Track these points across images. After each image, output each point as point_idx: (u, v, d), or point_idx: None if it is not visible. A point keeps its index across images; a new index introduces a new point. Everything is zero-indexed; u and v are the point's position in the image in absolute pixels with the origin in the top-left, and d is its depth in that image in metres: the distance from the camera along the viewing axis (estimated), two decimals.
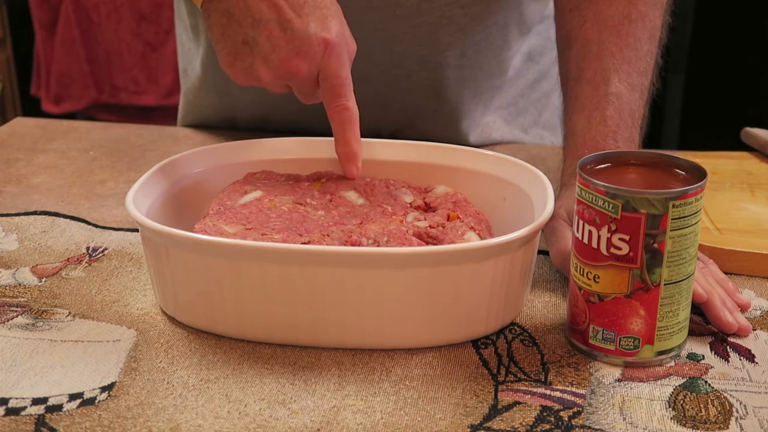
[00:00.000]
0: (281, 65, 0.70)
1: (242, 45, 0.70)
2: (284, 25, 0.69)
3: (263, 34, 0.69)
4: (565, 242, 0.69)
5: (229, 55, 0.71)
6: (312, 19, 0.70)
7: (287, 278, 0.62)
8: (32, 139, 1.08)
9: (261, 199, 0.72)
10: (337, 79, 0.71)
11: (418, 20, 0.94)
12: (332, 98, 0.72)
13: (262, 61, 0.70)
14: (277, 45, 0.70)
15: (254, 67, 0.71)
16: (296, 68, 0.70)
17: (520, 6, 0.99)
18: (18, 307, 0.70)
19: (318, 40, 0.70)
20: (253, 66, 0.71)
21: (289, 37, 0.69)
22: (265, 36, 0.69)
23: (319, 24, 0.70)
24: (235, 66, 0.72)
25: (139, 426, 0.56)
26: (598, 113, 0.76)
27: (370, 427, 0.56)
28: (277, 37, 0.69)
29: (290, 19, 0.69)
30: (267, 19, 0.69)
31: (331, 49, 0.70)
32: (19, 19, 2.49)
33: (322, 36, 0.70)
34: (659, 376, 0.62)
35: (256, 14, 0.69)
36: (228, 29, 0.70)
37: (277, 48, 0.70)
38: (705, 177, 0.60)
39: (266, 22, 0.69)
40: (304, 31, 0.69)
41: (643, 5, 0.82)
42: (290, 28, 0.69)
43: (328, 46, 0.70)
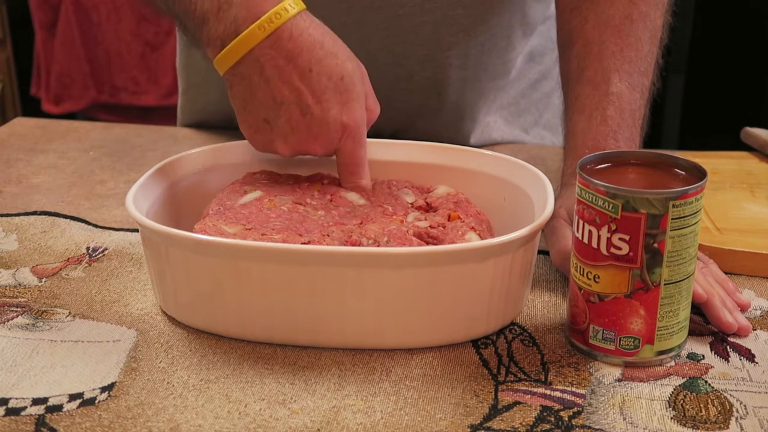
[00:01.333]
0: (299, 146, 0.72)
1: (263, 122, 0.72)
2: (304, 110, 0.70)
3: (283, 116, 0.71)
4: (565, 242, 0.69)
5: (250, 128, 0.73)
6: (332, 105, 0.71)
7: (287, 278, 0.62)
8: (32, 139, 1.08)
9: (261, 199, 0.72)
10: (353, 159, 0.73)
11: (421, 20, 0.94)
12: (346, 175, 0.74)
13: (282, 139, 0.72)
14: (296, 128, 0.71)
15: (274, 144, 0.72)
16: (313, 150, 0.73)
17: (524, 6, 0.99)
18: (18, 307, 0.69)
19: (336, 125, 0.71)
20: (272, 143, 0.72)
21: (308, 123, 0.71)
22: (285, 119, 0.71)
23: (338, 110, 0.71)
24: (255, 139, 0.73)
25: (139, 426, 0.56)
26: (599, 113, 0.76)
27: (370, 427, 0.56)
28: (296, 121, 0.71)
29: (310, 104, 0.70)
30: (288, 102, 0.70)
31: (349, 134, 0.72)
32: (19, 19, 2.49)
33: (340, 121, 0.71)
34: (659, 376, 0.62)
35: (277, 97, 0.70)
36: (250, 105, 0.71)
37: (296, 131, 0.71)
38: (705, 177, 0.60)
39: (287, 106, 0.70)
40: (323, 117, 0.71)
41: (644, 5, 0.82)
42: (310, 114, 0.70)
43: (346, 131, 0.72)
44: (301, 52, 0.70)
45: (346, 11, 0.93)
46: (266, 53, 0.69)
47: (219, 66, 0.71)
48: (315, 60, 0.70)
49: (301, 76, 0.70)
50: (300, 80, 0.70)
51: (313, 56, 0.70)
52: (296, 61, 0.70)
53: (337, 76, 0.71)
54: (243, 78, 0.71)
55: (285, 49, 0.69)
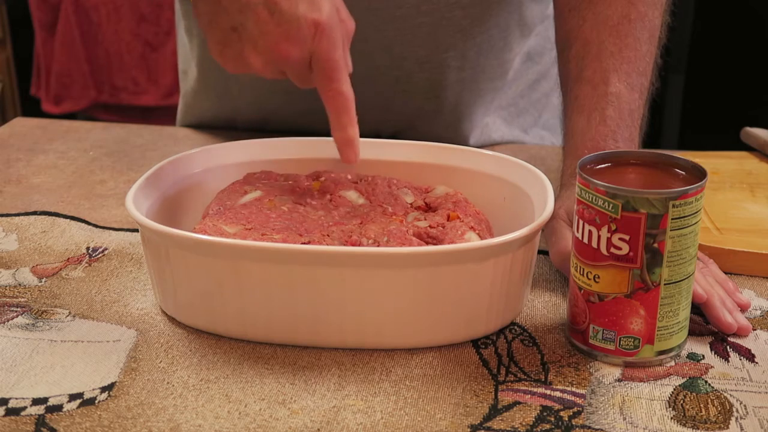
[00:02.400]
0: (271, 50, 0.68)
1: (230, 32, 0.68)
2: (272, 8, 0.67)
3: (251, 18, 0.67)
4: (564, 242, 0.69)
5: (219, 44, 0.70)
6: (301, 1, 0.67)
7: (287, 278, 0.62)
8: (32, 139, 1.08)
9: (261, 199, 0.72)
10: (329, 62, 0.69)
11: (418, 21, 0.94)
12: (325, 82, 0.70)
13: (252, 47, 0.68)
14: (265, 29, 0.67)
15: (244, 53, 0.69)
16: (286, 52, 0.68)
17: (521, 7, 0.99)
18: (18, 307, 0.70)
19: (307, 22, 0.67)
20: (242, 53, 0.69)
21: (278, 21, 0.67)
22: (253, 21, 0.67)
23: (308, 5, 0.67)
24: (225, 54, 0.70)
25: (139, 426, 0.56)
26: (598, 113, 0.76)
27: (370, 427, 0.56)
28: (265, 21, 0.67)
29: (278, 1, 0.67)
30: (254, 3, 0.67)
31: (322, 31, 0.68)
32: (19, 20, 2.49)
33: (311, 17, 0.67)
34: (659, 376, 0.62)
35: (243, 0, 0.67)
36: (216, 16, 0.69)
37: (265, 33, 0.68)
38: (705, 177, 0.60)
39: (254, 6, 0.67)
40: (292, 13, 0.67)
41: (642, 5, 0.82)
42: (278, 11, 0.67)
43: (318, 28, 0.68)
44: None
45: None
46: None
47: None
48: None
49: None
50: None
51: None
52: None
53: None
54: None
55: None
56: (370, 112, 1.02)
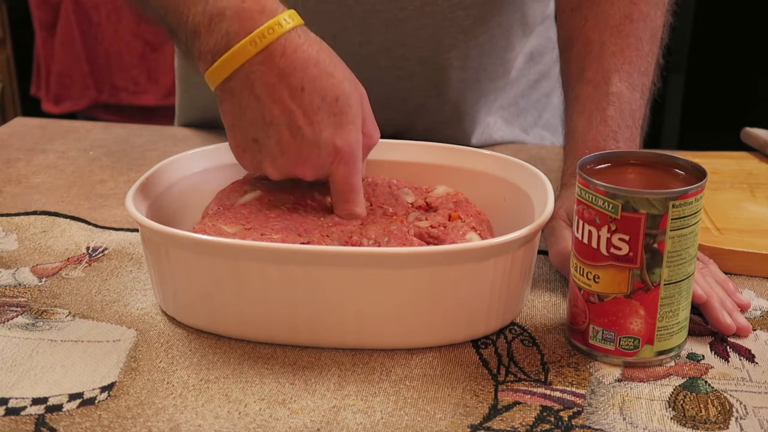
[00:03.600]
0: (288, 168, 0.69)
1: (252, 142, 0.68)
2: (295, 132, 0.66)
3: (273, 137, 0.67)
4: (564, 243, 0.69)
5: (239, 147, 0.70)
6: (325, 127, 0.66)
7: (287, 278, 0.62)
8: (32, 139, 1.08)
9: (260, 199, 0.72)
10: (346, 186, 0.69)
11: (421, 22, 0.94)
12: (339, 203, 0.70)
13: (270, 161, 0.68)
14: (285, 150, 0.67)
15: (262, 164, 0.69)
16: (302, 173, 0.69)
17: (524, 7, 0.99)
18: (18, 307, 0.70)
19: (328, 149, 0.67)
20: (260, 163, 0.69)
21: (299, 144, 0.67)
22: (275, 140, 0.67)
23: (331, 132, 0.67)
24: (244, 158, 0.70)
25: (139, 426, 0.56)
26: (599, 113, 0.76)
27: (370, 427, 0.56)
28: (286, 143, 0.67)
29: (302, 126, 0.66)
30: (278, 123, 0.66)
31: (341, 158, 0.68)
32: (19, 19, 2.49)
33: (333, 144, 0.67)
34: (659, 376, 0.62)
35: (267, 117, 0.66)
36: (239, 122, 0.68)
37: (285, 153, 0.67)
38: (705, 177, 0.60)
39: (277, 126, 0.66)
40: (314, 140, 0.67)
41: (644, 5, 0.82)
42: (301, 135, 0.66)
43: (338, 155, 0.68)
44: (294, 69, 0.66)
45: (347, 14, 0.93)
46: (257, 70, 0.66)
47: (210, 81, 0.68)
48: (308, 78, 0.66)
49: (293, 95, 0.66)
50: (291, 99, 0.66)
51: (307, 74, 0.66)
52: (288, 79, 0.66)
53: (331, 97, 0.67)
54: (233, 94, 0.68)
55: (277, 66, 0.66)
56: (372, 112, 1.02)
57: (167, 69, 2.40)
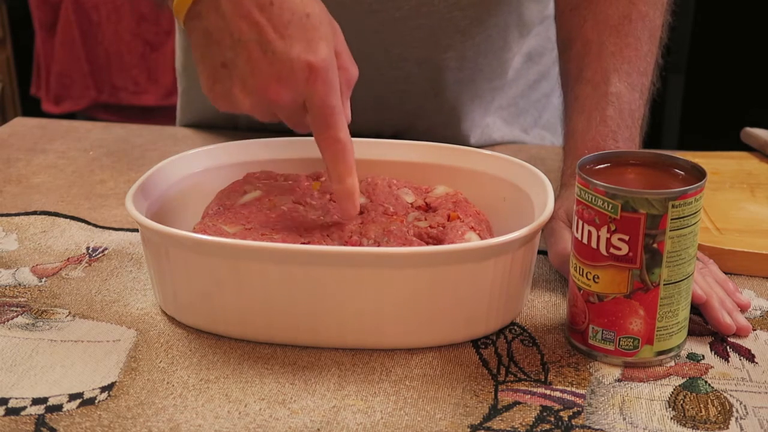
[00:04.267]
0: (260, 91, 0.64)
1: (221, 67, 0.64)
2: (265, 47, 0.63)
3: (242, 55, 0.63)
4: (563, 243, 0.69)
5: (209, 79, 0.66)
6: (296, 41, 0.63)
7: (287, 278, 0.62)
8: (32, 139, 1.08)
9: (260, 199, 0.72)
10: (325, 107, 0.64)
11: (418, 23, 0.94)
12: (320, 129, 0.65)
13: (241, 85, 0.64)
14: (256, 68, 0.63)
15: (233, 92, 0.65)
16: (276, 95, 0.64)
17: (520, 7, 0.99)
18: (18, 307, 0.70)
19: (301, 64, 0.63)
20: (231, 91, 0.65)
21: (270, 60, 0.63)
22: (244, 58, 0.63)
23: (304, 46, 0.63)
24: (214, 90, 0.66)
25: (139, 426, 0.56)
26: (598, 113, 0.76)
27: (370, 427, 0.56)
28: (256, 60, 0.63)
29: (272, 40, 0.63)
30: (247, 39, 0.63)
31: (317, 75, 0.63)
32: (19, 19, 2.49)
33: (306, 59, 0.63)
34: (659, 376, 0.62)
35: (235, 34, 0.63)
36: (207, 50, 0.65)
37: (256, 72, 0.63)
38: (704, 177, 0.60)
39: (246, 43, 0.63)
40: (285, 53, 0.63)
41: (643, 5, 0.82)
42: (271, 50, 0.63)
43: (313, 71, 0.63)
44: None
45: (343, 14, 0.93)
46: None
47: (179, 13, 0.65)
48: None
49: (261, 8, 0.63)
50: (260, 13, 0.62)
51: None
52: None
53: (301, 12, 0.63)
54: (201, 19, 0.64)
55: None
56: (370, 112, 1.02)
57: (167, 69, 2.40)
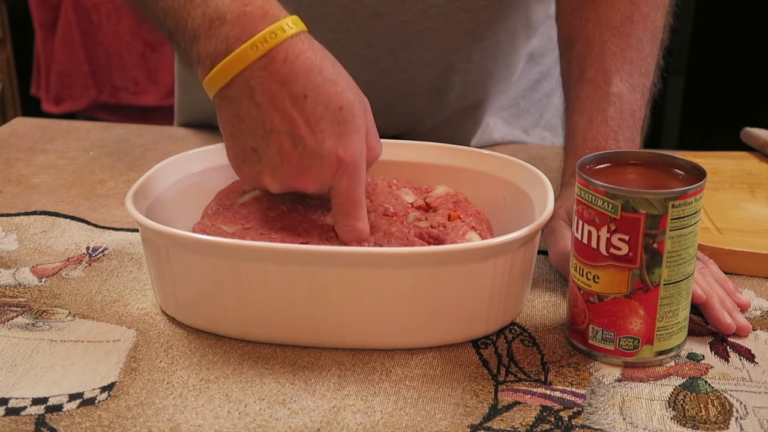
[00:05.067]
0: (289, 180, 0.65)
1: (251, 152, 0.65)
2: (296, 141, 0.63)
3: (273, 146, 0.64)
4: (564, 243, 0.69)
5: (237, 158, 0.66)
6: (328, 137, 0.63)
7: (287, 278, 0.62)
8: (32, 139, 1.08)
9: (260, 199, 0.72)
10: (348, 199, 0.66)
11: (424, 26, 0.94)
12: (341, 216, 0.67)
13: (270, 172, 0.65)
14: (286, 160, 0.64)
15: (261, 176, 0.66)
16: (303, 186, 0.65)
17: (528, 11, 0.98)
18: (18, 307, 0.70)
19: (331, 159, 0.64)
20: (260, 175, 0.66)
21: (300, 154, 0.63)
22: (275, 149, 0.64)
23: (335, 142, 0.63)
24: (243, 170, 0.67)
25: (139, 426, 0.56)
26: (599, 113, 0.76)
27: (370, 427, 0.56)
28: (287, 152, 0.63)
29: (304, 135, 0.63)
30: (279, 131, 0.63)
31: (344, 170, 0.64)
32: (19, 19, 2.49)
33: (336, 155, 0.64)
34: (659, 376, 0.62)
35: (267, 124, 0.63)
36: (238, 131, 0.65)
37: (286, 163, 0.64)
38: (704, 177, 0.60)
39: (278, 135, 0.63)
40: (317, 150, 0.63)
41: (645, 6, 0.82)
42: (302, 145, 0.63)
43: (342, 165, 0.64)
44: (297, 76, 0.63)
45: (350, 17, 0.93)
46: (258, 75, 0.63)
47: (209, 88, 0.66)
48: (311, 86, 0.63)
49: (295, 102, 0.63)
50: (293, 107, 0.63)
51: (310, 82, 0.63)
52: (290, 86, 0.63)
53: (335, 106, 0.64)
54: (232, 102, 0.64)
55: (279, 72, 0.63)
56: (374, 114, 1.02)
57: (167, 69, 2.40)
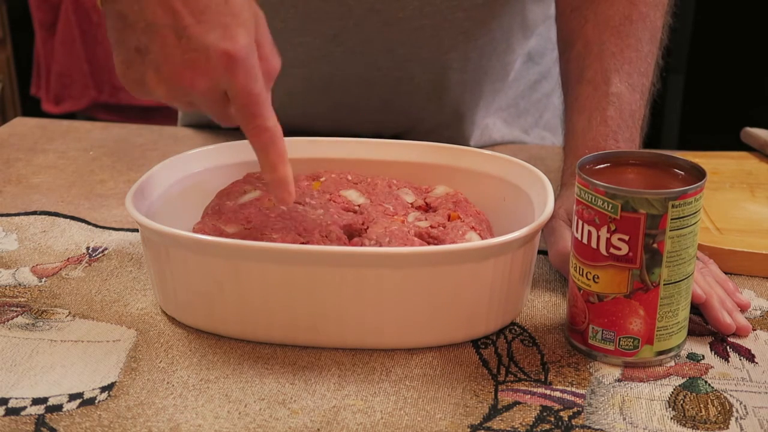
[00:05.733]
0: (173, 78, 0.61)
1: (135, 52, 0.62)
2: (180, 33, 0.60)
3: (156, 41, 0.60)
4: (564, 243, 0.69)
5: (123, 64, 0.63)
6: (213, 27, 0.60)
7: (287, 278, 0.62)
8: (32, 139, 1.08)
9: (260, 199, 0.72)
10: (248, 96, 0.61)
11: (421, 23, 0.94)
12: (246, 119, 0.63)
13: (154, 71, 0.61)
14: (170, 55, 0.60)
15: (146, 78, 0.62)
16: (190, 82, 0.61)
17: (524, 10, 0.99)
18: (18, 307, 0.70)
19: (217, 52, 0.60)
20: (144, 77, 0.62)
21: (184, 47, 0.60)
22: (158, 44, 0.60)
23: (220, 33, 0.60)
24: (128, 76, 0.63)
25: (139, 426, 0.56)
26: (599, 113, 0.76)
27: (370, 427, 0.56)
28: (171, 46, 0.60)
29: (187, 26, 0.60)
30: (161, 24, 0.60)
31: (235, 63, 0.60)
32: (19, 19, 2.49)
33: (222, 47, 0.60)
34: (659, 376, 0.62)
35: (149, 18, 0.60)
36: (122, 34, 0.62)
37: (169, 58, 0.60)
38: (704, 177, 0.60)
39: (160, 28, 0.60)
40: (201, 41, 0.60)
41: (644, 6, 0.82)
42: (186, 36, 0.60)
43: (231, 59, 0.60)
44: None
45: (347, 14, 0.93)
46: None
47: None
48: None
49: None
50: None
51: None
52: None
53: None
54: (116, 1, 0.61)
55: None
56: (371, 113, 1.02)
57: None
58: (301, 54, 0.97)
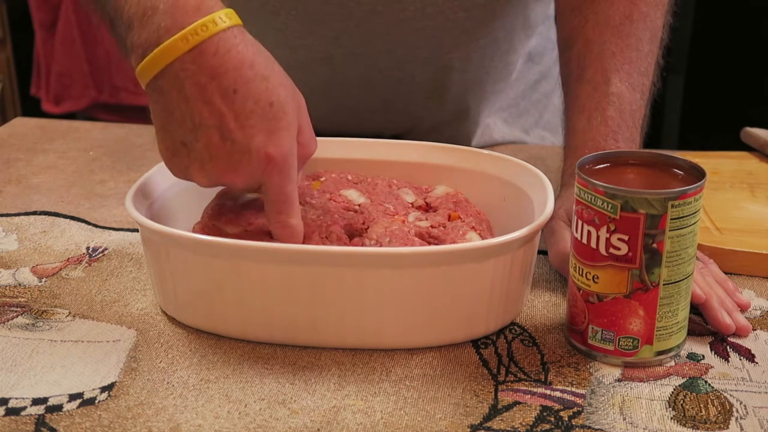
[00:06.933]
0: (217, 175, 0.64)
1: (180, 145, 0.64)
2: (225, 135, 0.62)
3: (202, 140, 0.63)
4: (563, 243, 0.69)
5: (168, 150, 0.65)
6: (257, 132, 0.62)
7: (287, 278, 0.62)
8: (32, 139, 1.08)
9: (260, 199, 0.72)
10: (280, 195, 0.65)
11: (422, 24, 0.94)
12: (273, 213, 0.66)
13: (199, 166, 0.64)
14: (215, 155, 0.63)
15: (190, 170, 0.65)
16: (232, 182, 0.64)
17: (526, 9, 0.98)
18: (18, 307, 0.70)
19: (260, 156, 0.63)
20: (189, 168, 0.65)
21: (229, 149, 0.62)
22: (203, 143, 0.63)
23: (264, 138, 0.62)
24: (172, 162, 0.66)
25: (139, 426, 0.56)
26: (599, 113, 0.76)
27: (370, 427, 0.56)
28: (215, 147, 0.63)
29: (232, 129, 0.62)
30: (208, 125, 0.62)
31: (273, 166, 0.63)
32: (19, 20, 2.49)
33: (265, 152, 0.63)
34: (659, 376, 0.62)
35: (196, 118, 0.62)
36: (168, 125, 0.64)
37: (214, 158, 0.63)
38: (704, 177, 0.60)
39: (206, 129, 0.62)
40: (245, 145, 0.62)
41: (644, 6, 0.82)
42: (231, 139, 0.62)
43: (271, 162, 0.63)
44: (227, 71, 0.62)
45: (348, 15, 0.93)
46: (187, 68, 0.62)
47: (140, 78, 0.64)
48: (242, 81, 0.62)
49: (224, 96, 0.62)
50: (222, 101, 0.62)
51: (240, 76, 0.62)
52: (220, 80, 0.62)
53: (265, 102, 0.62)
54: (162, 94, 0.63)
55: (208, 65, 0.62)
56: (372, 114, 1.01)
57: None
58: (302, 56, 0.97)
